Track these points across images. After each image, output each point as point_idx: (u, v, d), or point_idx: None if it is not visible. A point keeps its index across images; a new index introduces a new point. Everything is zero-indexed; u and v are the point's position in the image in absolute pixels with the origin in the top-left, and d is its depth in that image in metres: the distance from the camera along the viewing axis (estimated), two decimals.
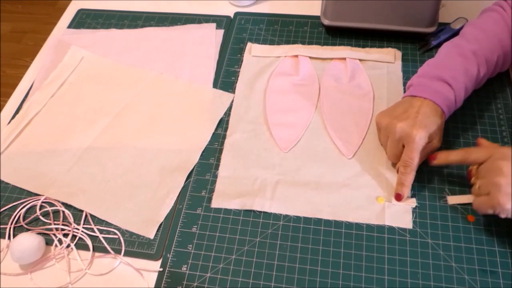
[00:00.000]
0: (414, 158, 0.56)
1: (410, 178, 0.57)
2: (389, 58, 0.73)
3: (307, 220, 0.58)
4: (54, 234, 0.59)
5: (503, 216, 0.50)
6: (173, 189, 0.62)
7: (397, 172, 0.58)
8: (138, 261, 0.57)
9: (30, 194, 0.63)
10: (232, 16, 0.83)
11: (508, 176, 0.48)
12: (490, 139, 0.63)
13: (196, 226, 0.59)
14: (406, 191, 0.57)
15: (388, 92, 0.69)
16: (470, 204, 0.55)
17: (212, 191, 0.61)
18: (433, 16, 0.72)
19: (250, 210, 0.59)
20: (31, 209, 0.62)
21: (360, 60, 0.73)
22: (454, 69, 0.59)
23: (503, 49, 0.62)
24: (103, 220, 0.60)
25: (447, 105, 0.58)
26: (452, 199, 0.57)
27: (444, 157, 0.56)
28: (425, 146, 0.57)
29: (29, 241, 0.55)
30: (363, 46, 0.75)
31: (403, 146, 0.57)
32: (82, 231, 0.59)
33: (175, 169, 0.64)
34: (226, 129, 0.67)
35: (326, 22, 0.76)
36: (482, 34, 0.62)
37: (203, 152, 0.65)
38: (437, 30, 0.74)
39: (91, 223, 0.60)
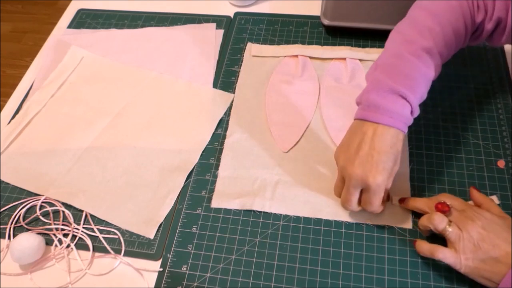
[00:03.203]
0: (375, 201, 0.52)
1: (372, 209, 0.54)
2: None
3: (307, 220, 0.58)
4: (54, 234, 0.59)
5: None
6: (173, 189, 0.62)
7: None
8: (138, 261, 0.57)
9: (30, 194, 0.63)
10: (232, 16, 0.83)
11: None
12: (490, 139, 0.63)
13: (196, 226, 0.59)
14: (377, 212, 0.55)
15: None
16: None
17: (212, 191, 0.61)
18: None
19: (250, 210, 0.59)
20: (31, 209, 0.62)
21: (360, 60, 0.73)
22: (410, 76, 0.52)
23: (456, 40, 0.55)
24: (103, 220, 0.60)
25: (404, 122, 0.52)
26: None
27: (412, 204, 0.55)
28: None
29: (29, 241, 0.55)
30: (363, 46, 0.75)
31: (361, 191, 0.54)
32: (82, 231, 0.59)
33: (175, 169, 0.64)
34: (226, 129, 0.67)
35: (326, 22, 0.76)
36: (437, 27, 0.54)
37: (203, 152, 0.65)
38: None
39: (91, 223, 0.60)
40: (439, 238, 0.52)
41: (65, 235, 0.59)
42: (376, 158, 0.51)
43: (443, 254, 0.49)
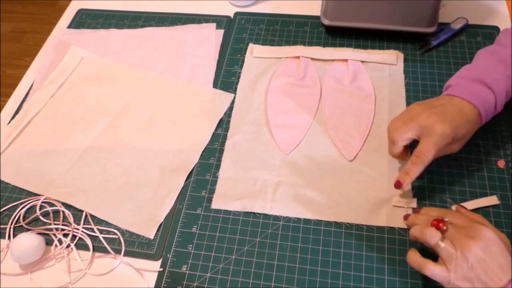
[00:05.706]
0: (430, 152, 0.54)
1: (417, 170, 0.55)
2: (391, 59, 0.73)
3: (307, 220, 0.58)
4: (54, 234, 0.59)
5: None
6: (173, 189, 0.62)
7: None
8: (138, 261, 0.57)
9: (30, 194, 0.63)
10: (232, 16, 0.83)
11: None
12: (490, 139, 0.63)
13: (196, 226, 0.59)
14: (408, 181, 0.55)
15: (390, 94, 0.69)
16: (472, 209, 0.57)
17: (212, 191, 0.61)
18: (433, 16, 0.72)
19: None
20: (31, 209, 0.62)
21: (362, 61, 0.73)
22: (495, 73, 0.58)
23: None
24: (103, 220, 0.60)
25: (485, 108, 0.56)
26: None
27: (411, 220, 0.54)
28: (444, 146, 0.55)
29: (29, 241, 0.55)
30: (363, 46, 0.75)
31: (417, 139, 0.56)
32: (82, 231, 0.59)
33: (175, 169, 0.64)
34: (226, 129, 0.67)
35: (326, 22, 0.76)
36: None
37: (203, 152, 0.65)
38: (437, 30, 0.74)
39: (91, 223, 0.60)
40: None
41: (65, 235, 0.59)
42: (452, 115, 0.54)
43: (432, 272, 0.48)
